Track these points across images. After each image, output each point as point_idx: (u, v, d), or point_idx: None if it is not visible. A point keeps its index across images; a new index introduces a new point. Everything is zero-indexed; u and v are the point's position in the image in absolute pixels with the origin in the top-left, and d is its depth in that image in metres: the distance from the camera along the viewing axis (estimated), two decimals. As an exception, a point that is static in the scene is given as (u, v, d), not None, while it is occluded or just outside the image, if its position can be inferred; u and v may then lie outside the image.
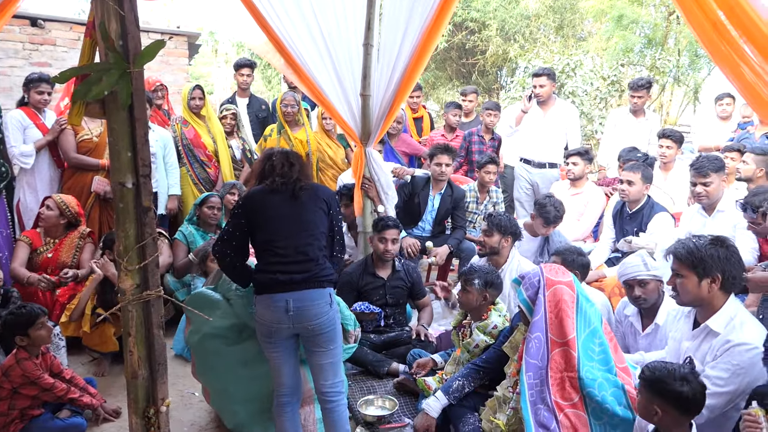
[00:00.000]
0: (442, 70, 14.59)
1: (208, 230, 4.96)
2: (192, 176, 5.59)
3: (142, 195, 2.08)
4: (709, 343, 2.63)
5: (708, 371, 2.57)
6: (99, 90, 1.94)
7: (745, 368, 2.50)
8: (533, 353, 2.71)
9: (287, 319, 2.66)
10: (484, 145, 6.51)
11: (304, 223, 2.75)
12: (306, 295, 2.66)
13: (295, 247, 2.70)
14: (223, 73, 19.49)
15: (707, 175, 4.02)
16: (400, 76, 4.20)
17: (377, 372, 3.98)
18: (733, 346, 2.53)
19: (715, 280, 2.61)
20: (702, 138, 7.31)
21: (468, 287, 3.49)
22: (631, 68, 11.47)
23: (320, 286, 2.70)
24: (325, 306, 2.70)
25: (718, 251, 2.60)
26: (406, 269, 4.39)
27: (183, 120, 5.64)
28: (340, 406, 2.78)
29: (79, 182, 4.90)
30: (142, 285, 2.13)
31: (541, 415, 2.64)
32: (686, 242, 2.67)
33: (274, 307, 2.67)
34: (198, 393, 3.75)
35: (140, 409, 2.20)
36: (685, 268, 2.64)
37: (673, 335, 2.95)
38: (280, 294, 2.66)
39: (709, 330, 2.64)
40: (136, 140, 2.05)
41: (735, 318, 2.60)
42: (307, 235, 2.74)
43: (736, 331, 2.57)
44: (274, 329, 2.71)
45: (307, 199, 2.79)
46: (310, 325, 2.67)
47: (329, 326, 2.72)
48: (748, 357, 2.50)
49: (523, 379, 2.71)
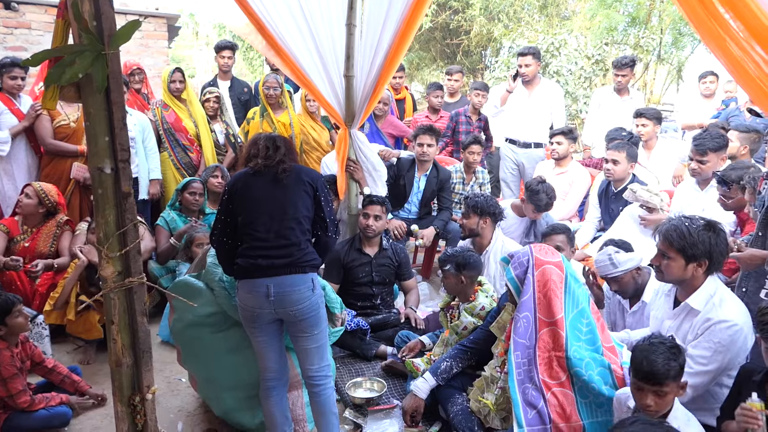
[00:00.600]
0: (426, 50, 14.47)
1: (190, 215, 4.90)
2: (174, 161, 5.50)
3: (121, 180, 2.03)
4: (690, 322, 2.65)
5: (690, 350, 2.59)
6: (73, 73, 1.88)
7: (726, 345, 2.53)
8: (521, 333, 2.71)
9: (268, 305, 2.63)
10: (471, 126, 6.48)
11: (286, 207, 2.69)
12: (287, 281, 2.63)
13: (276, 231, 2.66)
14: (205, 56, 19.22)
15: (705, 153, 4.05)
16: (383, 56, 4.14)
17: (365, 355, 3.99)
18: (714, 324, 2.55)
19: (702, 264, 2.62)
20: (686, 116, 7.34)
21: (444, 273, 3.51)
22: (615, 47, 11.44)
23: (302, 272, 2.66)
24: (306, 291, 2.66)
25: (710, 237, 2.60)
26: (394, 249, 4.38)
27: (163, 104, 5.53)
28: (327, 389, 2.77)
29: (57, 169, 4.82)
30: (123, 272, 2.09)
31: (529, 394, 2.66)
32: (679, 225, 2.65)
33: (255, 293, 2.64)
34: (185, 379, 3.73)
35: (125, 398, 2.18)
36: (674, 251, 2.64)
37: (654, 314, 2.97)
38: (261, 279, 2.63)
39: (689, 309, 2.66)
40: (114, 124, 2.00)
41: (714, 296, 2.62)
42: (289, 219, 2.68)
43: (716, 309, 2.59)
44: (256, 314, 2.68)
45: (291, 181, 2.73)
46: (292, 310, 2.64)
47: (311, 311, 2.69)
48: (729, 334, 2.53)
49: (511, 358, 2.72)
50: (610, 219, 4.73)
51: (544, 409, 2.64)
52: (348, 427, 3.28)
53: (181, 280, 3.27)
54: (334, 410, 2.79)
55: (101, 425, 3.32)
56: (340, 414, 2.85)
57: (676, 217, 2.75)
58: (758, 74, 1.69)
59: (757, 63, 1.66)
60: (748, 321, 2.60)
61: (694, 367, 2.56)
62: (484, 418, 2.97)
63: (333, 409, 2.79)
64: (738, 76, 1.86)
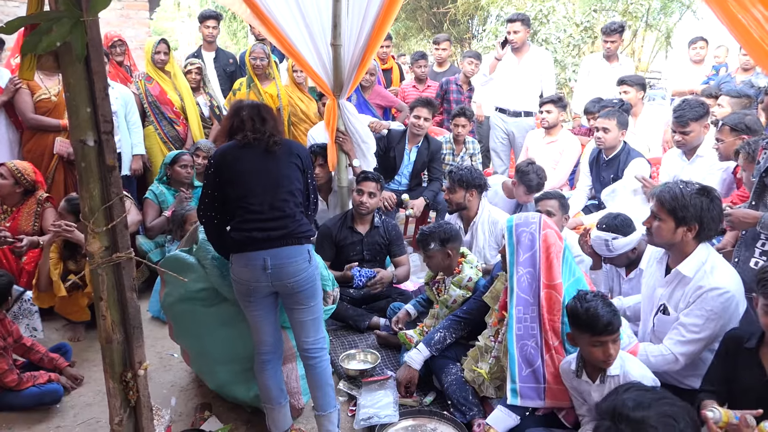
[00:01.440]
0: (412, 20, 14.29)
1: (179, 189, 4.83)
2: (161, 134, 5.40)
3: (105, 153, 1.96)
4: (682, 290, 2.65)
5: (682, 318, 2.59)
6: (50, 41, 1.80)
7: (718, 313, 2.53)
8: (525, 288, 2.71)
9: (265, 278, 2.59)
10: (462, 95, 6.41)
11: (280, 179, 2.65)
12: (284, 252, 2.58)
13: (270, 203, 2.61)
14: (188, 28, 18.86)
15: (687, 124, 4.02)
16: (371, 24, 4.06)
17: (358, 327, 3.98)
18: (706, 292, 2.55)
19: (692, 229, 2.60)
20: (676, 82, 7.31)
21: (428, 253, 3.47)
22: (604, 14, 11.34)
23: (298, 243, 2.62)
24: (303, 263, 2.62)
25: (702, 201, 2.58)
26: (386, 226, 4.33)
27: (146, 76, 5.41)
28: (322, 362, 2.75)
29: (39, 144, 4.70)
30: (111, 247, 2.04)
31: (527, 351, 2.67)
32: (673, 187, 2.64)
33: (251, 266, 2.60)
34: (177, 354, 3.70)
35: (117, 374, 2.14)
36: (665, 213, 2.63)
37: (646, 281, 2.97)
38: (257, 252, 2.58)
39: (681, 276, 2.65)
40: (95, 95, 1.92)
41: (706, 263, 2.61)
42: (283, 191, 2.64)
43: (707, 276, 2.58)
44: (252, 288, 2.64)
45: (282, 154, 2.68)
46: (289, 282, 2.60)
47: (308, 283, 2.66)
48: (721, 302, 2.53)
49: (512, 312, 2.72)
50: (601, 186, 4.72)
51: (540, 369, 2.65)
52: (342, 398, 3.29)
53: (172, 256, 3.22)
54: (330, 382, 2.78)
55: (93, 402, 3.30)
56: (334, 386, 2.84)
57: (673, 181, 2.73)
58: (760, 34, 1.65)
59: (758, 21, 1.62)
60: (740, 288, 2.60)
61: (687, 335, 2.56)
62: (479, 388, 2.98)
63: (329, 381, 2.77)
64: (739, 36, 1.82)
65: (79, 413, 3.22)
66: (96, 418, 3.15)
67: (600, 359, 2.35)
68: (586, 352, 2.40)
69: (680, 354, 2.57)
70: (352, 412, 3.14)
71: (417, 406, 3.11)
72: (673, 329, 2.62)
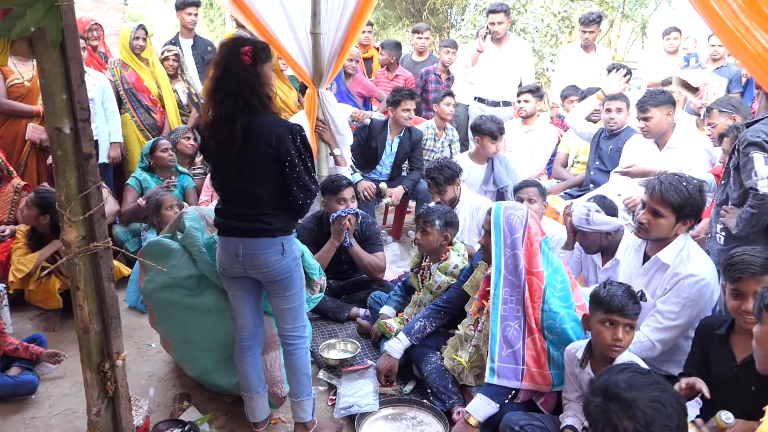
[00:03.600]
0: (391, 8, 14.22)
1: (164, 175, 4.78)
2: (137, 122, 5.33)
3: (81, 141, 1.92)
4: (660, 278, 2.70)
5: (659, 305, 2.64)
6: (24, 26, 1.76)
7: (694, 300, 2.59)
8: (511, 270, 2.74)
9: (238, 264, 2.58)
10: (441, 84, 6.41)
11: (247, 171, 2.50)
12: (254, 243, 2.54)
13: (241, 198, 2.54)
14: (163, 14, 18.54)
15: (646, 110, 4.10)
16: (351, 13, 4.04)
17: (337, 317, 3.98)
18: (682, 279, 2.60)
19: (688, 223, 2.66)
20: (650, 73, 7.38)
21: (428, 228, 3.46)
22: (581, 4, 11.41)
23: (270, 236, 2.54)
24: (275, 255, 2.55)
25: (701, 197, 2.66)
26: (361, 222, 4.22)
27: (122, 63, 5.33)
28: (299, 350, 2.73)
29: (11, 130, 4.59)
30: (88, 236, 2.01)
31: (509, 333, 2.70)
32: (677, 184, 2.65)
33: (226, 251, 2.60)
34: (155, 344, 3.67)
35: (94, 364, 2.12)
36: (668, 209, 2.65)
37: (623, 269, 3.01)
38: (231, 238, 2.58)
39: (660, 264, 2.69)
40: (71, 81, 1.88)
41: (683, 250, 2.67)
42: (255, 184, 2.51)
43: (684, 263, 2.63)
44: (228, 271, 2.65)
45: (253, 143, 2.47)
46: (261, 272, 2.58)
47: (283, 274, 2.60)
48: (697, 289, 2.58)
49: (498, 293, 2.74)
50: (598, 157, 4.84)
51: (520, 351, 2.68)
52: (322, 388, 3.29)
53: (154, 241, 3.17)
54: (306, 371, 2.76)
55: (69, 392, 3.26)
56: (314, 375, 2.84)
57: (670, 175, 2.75)
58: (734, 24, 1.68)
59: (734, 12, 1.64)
60: (715, 275, 2.66)
61: (663, 322, 2.61)
62: (458, 376, 3.00)
63: (305, 370, 2.75)
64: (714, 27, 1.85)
65: (54, 404, 3.18)
66: (72, 409, 3.11)
67: (607, 342, 2.33)
68: (595, 332, 2.39)
69: (657, 341, 2.62)
70: (332, 401, 3.14)
71: (397, 394, 3.13)
72: (650, 316, 2.66)
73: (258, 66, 2.45)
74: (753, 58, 1.80)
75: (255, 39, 2.72)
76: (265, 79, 2.48)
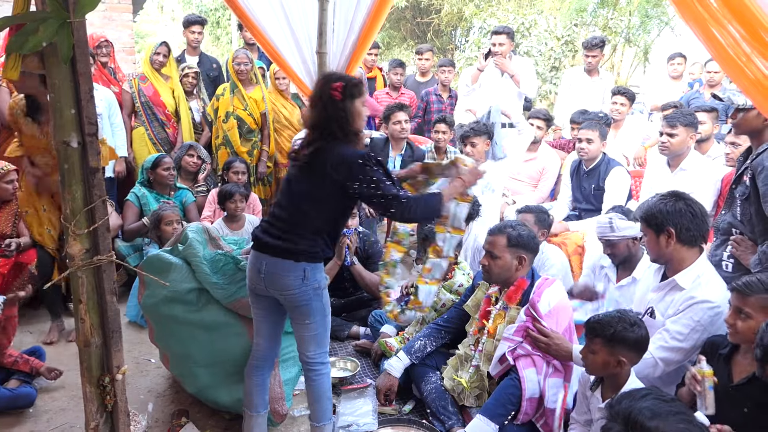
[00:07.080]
0: (396, 29, 14.40)
1: (162, 192, 4.80)
2: (150, 135, 5.40)
3: (88, 155, 1.95)
4: (673, 297, 2.66)
5: (668, 324, 2.61)
6: (36, 41, 1.79)
7: (704, 325, 2.54)
8: None
9: (260, 281, 2.57)
10: (443, 104, 6.45)
11: (302, 194, 2.56)
12: (278, 263, 2.52)
13: (289, 215, 2.56)
14: (170, 31, 18.75)
15: (675, 126, 4.06)
16: (357, 33, 4.07)
17: (338, 335, 3.97)
18: (696, 303, 2.56)
19: (670, 234, 2.63)
20: (654, 97, 7.43)
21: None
22: (584, 28, 11.54)
23: (294, 259, 2.52)
24: (295, 280, 2.53)
25: (667, 205, 2.63)
26: (363, 240, 4.26)
27: (141, 76, 5.42)
28: (320, 375, 2.70)
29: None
30: (92, 250, 2.02)
31: None
32: (647, 201, 2.73)
33: (253, 265, 2.60)
34: (154, 360, 3.67)
35: (95, 378, 2.12)
36: (645, 226, 2.70)
37: (639, 286, 3.00)
38: (258, 253, 2.58)
39: (675, 284, 2.66)
40: (80, 96, 1.92)
41: (702, 276, 2.63)
42: (305, 207, 2.55)
43: (701, 288, 2.59)
44: (253, 286, 2.65)
45: (317, 166, 2.52)
46: (282, 294, 2.56)
47: (301, 302, 2.57)
48: (710, 315, 2.54)
49: None
50: (582, 197, 4.78)
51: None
52: (321, 406, 3.27)
53: (154, 255, 3.18)
54: (328, 395, 2.73)
55: (67, 406, 3.24)
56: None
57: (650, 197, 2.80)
58: (735, 51, 1.71)
59: (735, 39, 1.67)
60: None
61: (670, 342, 2.58)
62: (458, 396, 2.99)
63: (327, 394, 2.72)
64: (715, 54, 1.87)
65: (52, 418, 3.16)
66: (70, 423, 3.10)
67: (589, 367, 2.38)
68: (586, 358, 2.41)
69: (660, 359, 2.58)
70: (331, 420, 3.12)
71: (396, 414, 3.11)
72: (657, 334, 2.64)
73: (347, 101, 2.51)
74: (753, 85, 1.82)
75: (347, 75, 2.75)
76: (354, 115, 2.54)
